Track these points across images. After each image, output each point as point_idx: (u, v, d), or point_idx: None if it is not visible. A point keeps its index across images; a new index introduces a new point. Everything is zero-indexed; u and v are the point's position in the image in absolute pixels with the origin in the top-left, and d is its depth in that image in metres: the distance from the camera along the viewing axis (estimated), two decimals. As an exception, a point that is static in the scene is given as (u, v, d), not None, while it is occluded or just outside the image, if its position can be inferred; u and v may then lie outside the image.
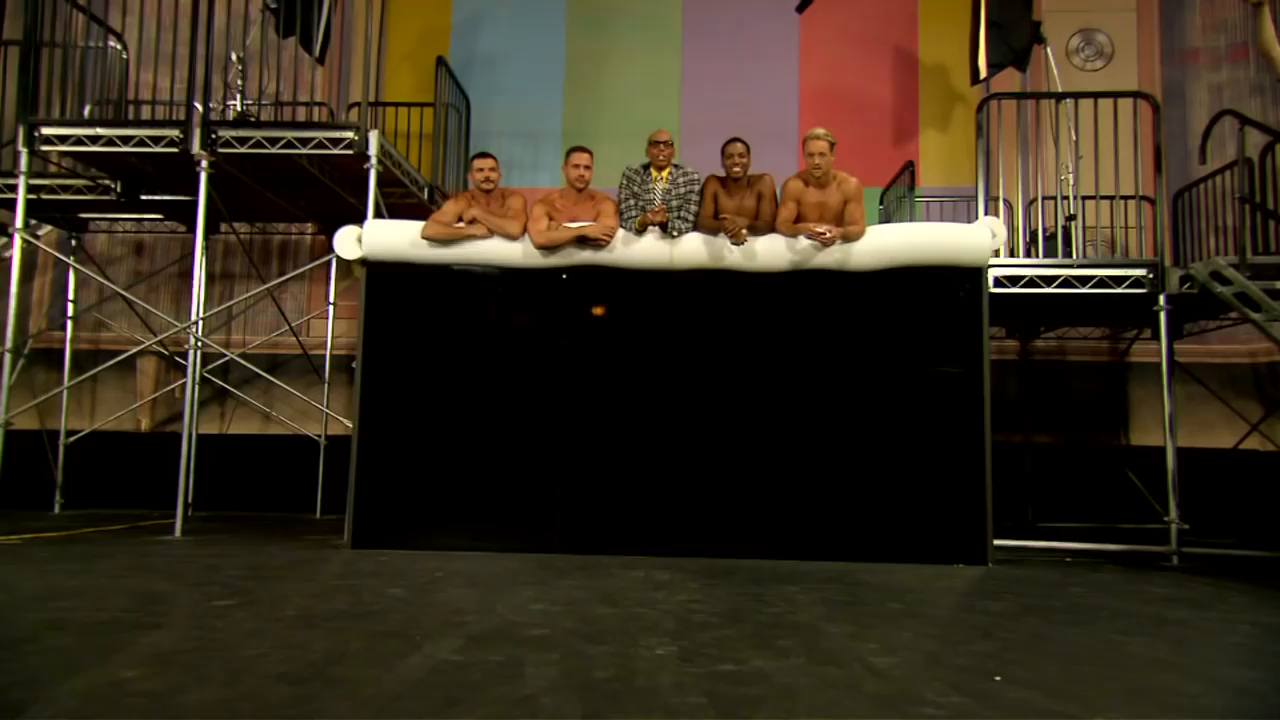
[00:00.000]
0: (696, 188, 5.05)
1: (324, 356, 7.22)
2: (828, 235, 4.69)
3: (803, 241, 4.85)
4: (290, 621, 2.87)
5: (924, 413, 4.83)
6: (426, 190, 6.52)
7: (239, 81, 6.32)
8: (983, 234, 4.89)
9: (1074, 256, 5.49)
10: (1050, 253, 5.64)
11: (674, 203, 4.99)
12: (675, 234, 4.91)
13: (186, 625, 2.82)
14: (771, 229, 4.94)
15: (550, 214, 4.97)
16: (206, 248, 7.02)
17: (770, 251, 4.91)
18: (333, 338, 7.22)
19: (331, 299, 7.21)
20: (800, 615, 3.14)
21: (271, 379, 6.77)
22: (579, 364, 4.98)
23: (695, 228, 5.00)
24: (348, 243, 5.01)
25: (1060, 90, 6.15)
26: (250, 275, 7.53)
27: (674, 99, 7.80)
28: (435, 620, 2.93)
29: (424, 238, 4.89)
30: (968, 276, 4.89)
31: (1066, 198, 5.69)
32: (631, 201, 5.02)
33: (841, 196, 4.89)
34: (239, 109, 6.27)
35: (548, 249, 4.91)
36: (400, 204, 6.45)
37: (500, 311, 5.02)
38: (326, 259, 6.91)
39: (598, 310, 4.95)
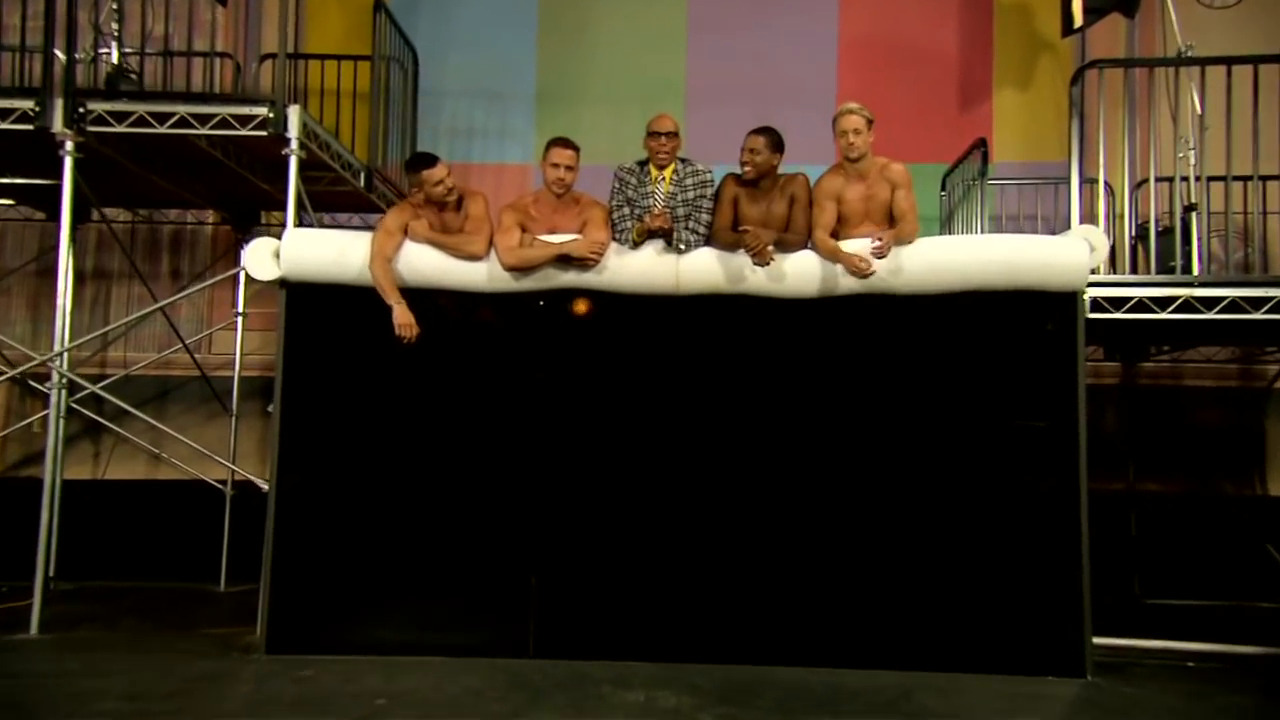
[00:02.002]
0: (710, 191, 5.01)
1: (230, 380, 7.14)
2: (881, 245, 4.68)
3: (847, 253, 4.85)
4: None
5: (1000, 478, 4.82)
6: (363, 175, 6.43)
7: (113, 24, 6.20)
8: (1077, 250, 4.87)
9: (1196, 269, 5.43)
10: (1166, 252, 5.60)
11: (680, 210, 4.96)
12: (682, 249, 4.88)
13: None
14: (806, 243, 4.90)
15: (523, 224, 4.95)
16: (74, 242, 6.93)
17: (803, 272, 4.89)
18: (242, 355, 7.16)
19: (240, 306, 7.14)
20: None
21: (160, 412, 6.72)
22: (560, 412, 4.96)
23: (708, 241, 4.97)
24: (262, 260, 4.99)
25: (1181, 42, 6.08)
26: (134, 274, 7.44)
27: (678, 53, 7.75)
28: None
29: (374, 274, 4.87)
30: (1057, 304, 4.88)
31: (1186, 179, 5.63)
32: (626, 209, 4.99)
33: (888, 187, 4.91)
34: (114, 62, 6.16)
35: (520, 270, 4.84)
36: (330, 193, 6.42)
37: (460, 346, 5.01)
38: (234, 271, 6.81)
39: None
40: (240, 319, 7.07)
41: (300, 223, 5.61)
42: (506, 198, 7.53)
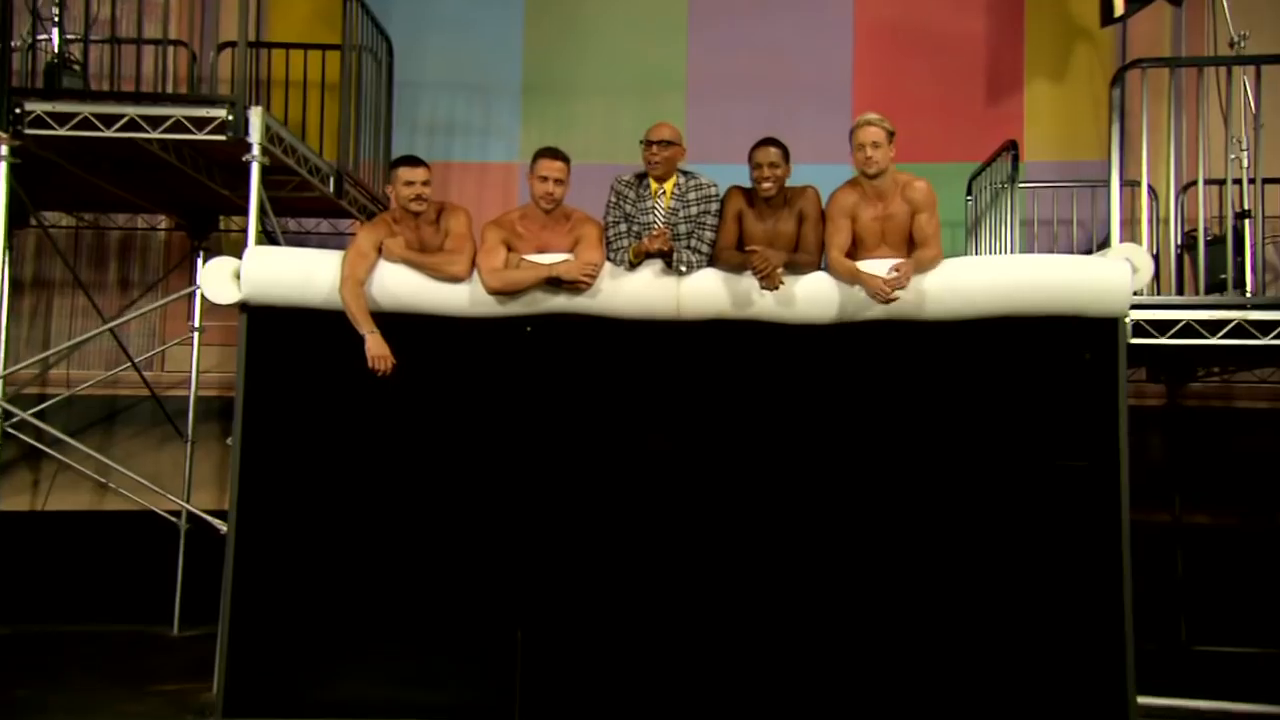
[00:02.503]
0: (714, 206, 4.97)
1: (186, 400, 7.09)
2: (899, 276, 4.62)
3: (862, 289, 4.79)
4: None
5: (1034, 522, 4.79)
6: (333, 179, 6.38)
7: (54, 7, 6.13)
8: (1118, 272, 4.83)
9: (1250, 284, 5.39)
10: (1215, 263, 5.59)
11: (682, 227, 4.93)
12: (683, 270, 4.84)
13: None
14: (818, 264, 4.87)
15: (509, 243, 4.91)
16: (9, 249, 6.87)
17: (814, 296, 4.86)
18: (199, 374, 7.10)
19: (197, 320, 7.08)
20: None
21: (107, 436, 6.65)
22: (550, 449, 4.93)
23: (711, 262, 4.93)
24: (220, 281, 4.96)
25: (1233, 32, 6.10)
26: (78, 285, 7.39)
27: (678, 42, 7.71)
28: None
29: (344, 299, 4.83)
30: (1096, 331, 4.84)
31: (1239, 182, 5.62)
32: (623, 226, 4.95)
33: (907, 207, 4.86)
34: (54, 50, 6.09)
35: (506, 293, 4.82)
36: (296, 199, 6.39)
37: (439, 376, 4.97)
38: (190, 290, 6.74)
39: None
40: (197, 334, 6.99)
41: (263, 230, 5.56)
42: (491, 198, 7.72)
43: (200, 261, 7.09)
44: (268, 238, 5.86)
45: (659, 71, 7.56)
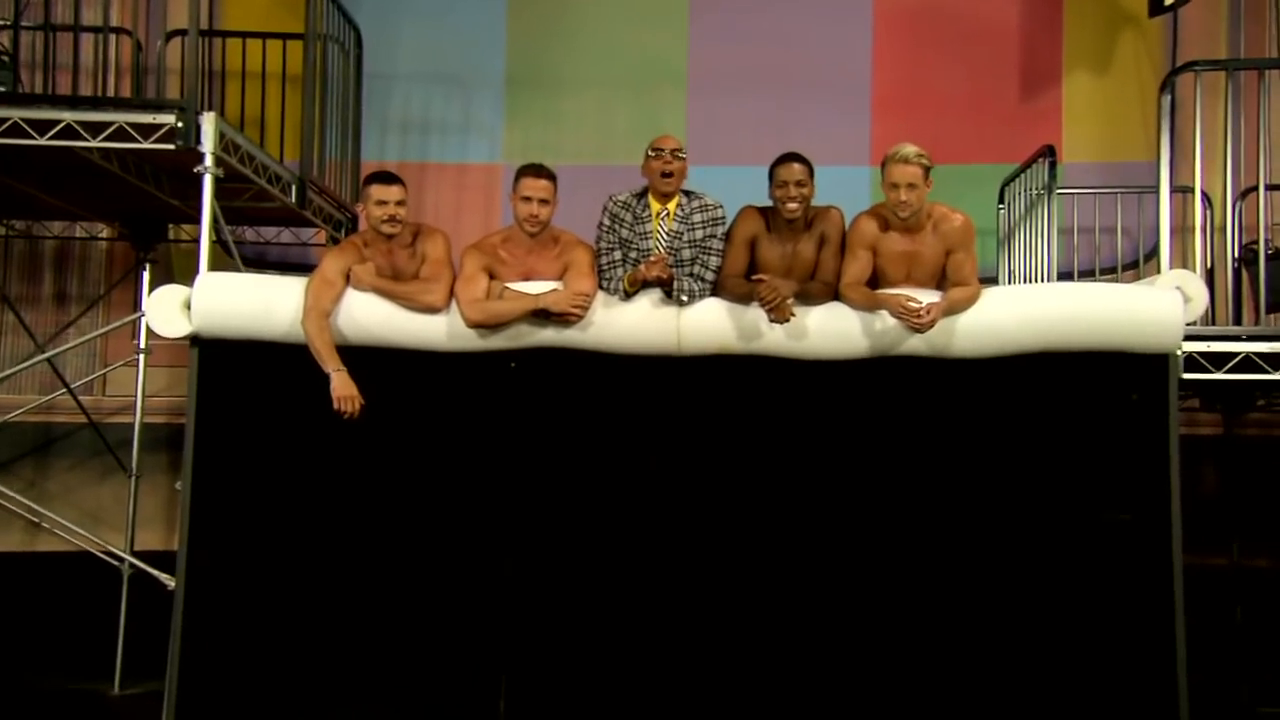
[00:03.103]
0: (720, 229, 4.96)
1: (130, 428, 7.04)
2: (925, 315, 4.59)
3: (881, 316, 4.79)
4: None
5: (1076, 581, 4.78)
6: (295, 188, 6.37)
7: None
8: (1169, 304, 4.80)
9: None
10: (1277, 279, 5.57)
11: (685, 252, 4.91)
12: (685, 300, 4.84)
13: None
14: (834, 294, 4.86)
15: (491, 270, 4.90)
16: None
17: (828, 329, 4.84)
18: (144, 399, 7.06)
19: (143, 340, 7.05)
20: None
21: (41, 467, 6.63)
22: (536, 492, 4.93)
23: (715, 291, 4.92)
24: (168, 312, 4.94)
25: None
26: (4, 303, 7.38)
27: (678, 30, 7.68)
28: None
29: (307, 332, 4.81)
30: (1144, 368, 4.82)
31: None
32: (618, 253, 4.94)
33: (941, 245, 4.84)
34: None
35: (487, 327, 4.82)
36: (254, 210, 6.39)
37: (414, 416, 4.97)
38: (135, 318, 6.71)
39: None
40: (142, 355, 6.96)
41: (217, 240, 5.55)
42: (471, 202, 7.71)
43: (147, 275, 7.07)
44: (223, 248, 5.84)
45: (657, 64, 7.54)
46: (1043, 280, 6.18)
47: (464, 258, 4.92)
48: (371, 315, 4.92)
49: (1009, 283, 6.88)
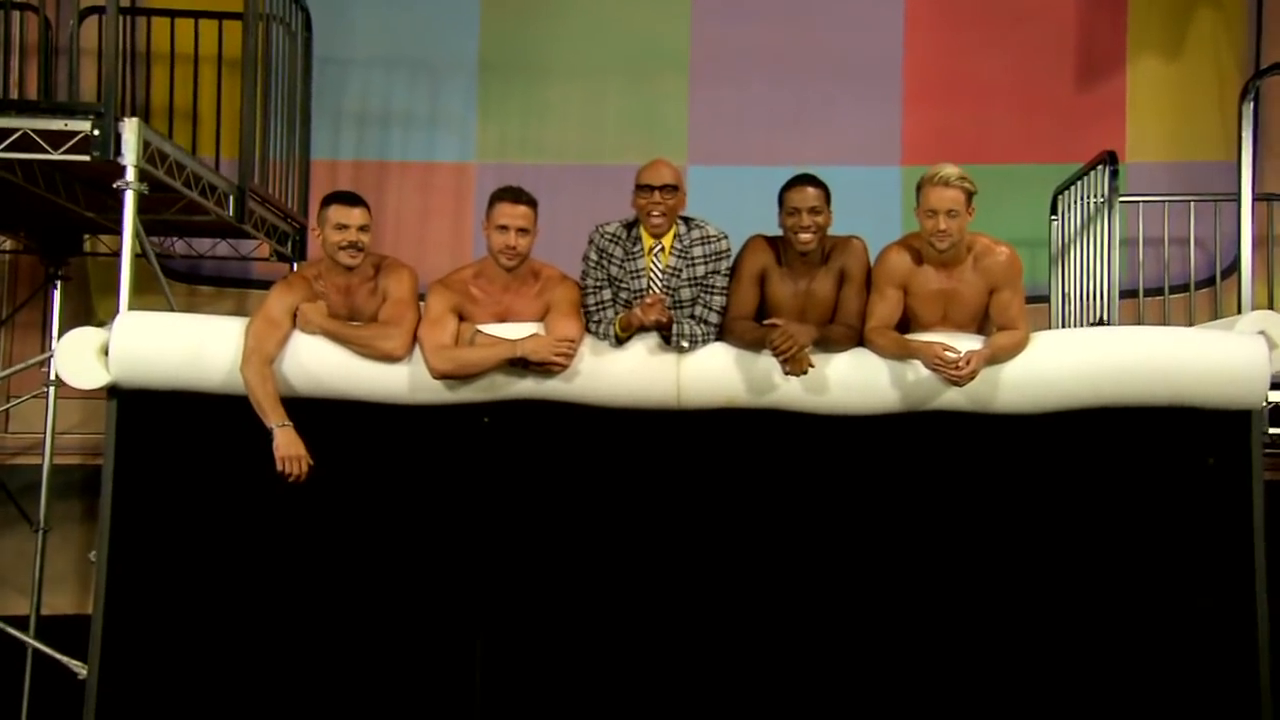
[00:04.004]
0: (724, 264, 4.94)
1: (38, 471, 7.02)
2: (964, 365, 4.56)
3: (914, 366, 4.76)
4: None
5: (1141, 682, 4.76)
6: (233, 199, 6.35)
7: None
8: (1251, 351, 4.77)
9: None
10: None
11: (685, 291, 4.90)
12: (685, 346, 4.81)
13: None
14: (858, 339, 4.84)
15: (461, 310, 4.88)
16: None
17: (851, 381, 4.81)
18: (53, 437, 7.03)
19: (53, 371, 7.01)
20: None
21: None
22: (511, 573, 4.93)
23: (720, 335, 4.90)
24: (80, 360, 4.89)
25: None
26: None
27: (679, 7, 7.67)
28: None
29: (247, 381, 4.78)
30: (1222, 426, 4.79)
31: None
32: (607, 293, 4.93)
33: (983, 282, 4.81)
34: None
35: (456, 377, 4.81)
36: (184, 223, 6.42)
37: (370, 481, 4.95)
38: (43, 358, 6.67)
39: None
40: (51, 389, 6.92)
41: (139, 255, 5.53)
42: (439, 208, 7.70)
43: (58, 294, 7.10)
44: (147, 260, 5.82)
45: (654, 47, 7.53)
46: (1102, 300, 6.23)
47: (430, 296, 4.88)
48: (322, 362, 4.89)
49: (1062, 303, 6.89)
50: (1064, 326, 6.83)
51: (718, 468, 4.95)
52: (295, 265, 7.16)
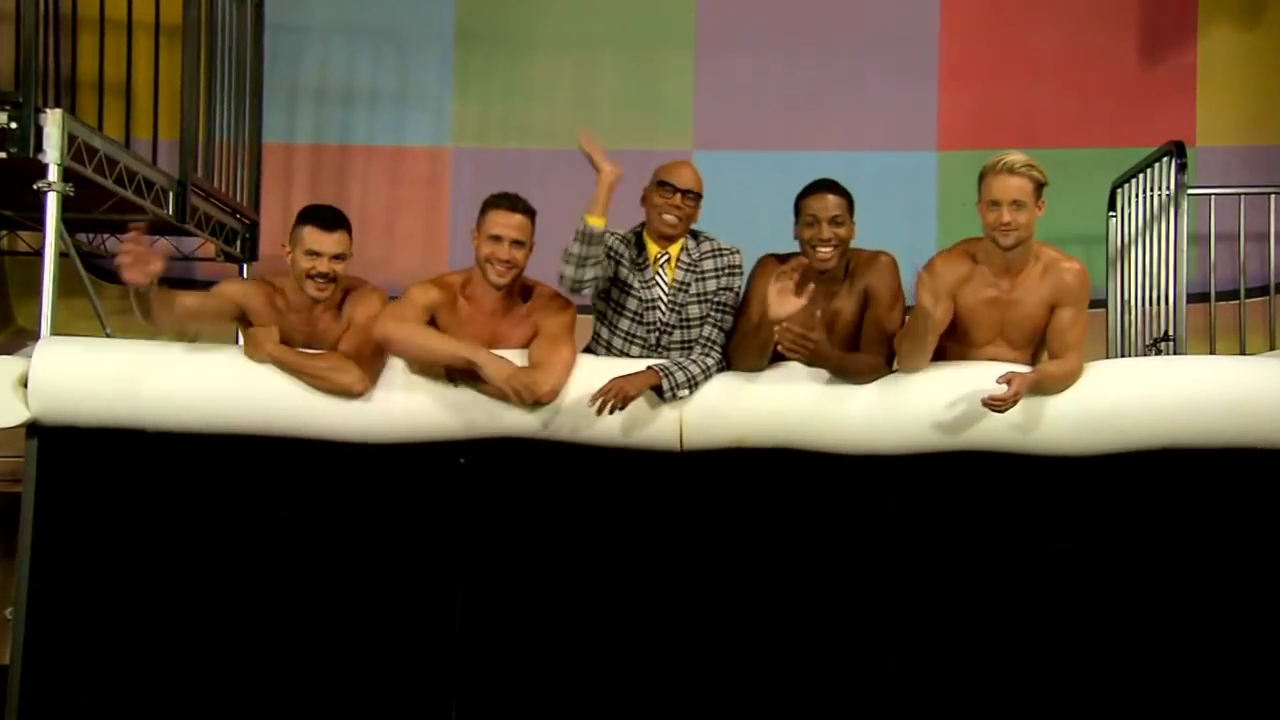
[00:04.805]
0: (739, 282, 4.97)
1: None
2: (1006, 394, 4.51)
3: (950, 400, 4.74)
4: None
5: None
6: (172, 195, 6.32)
7: None
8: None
9: None
10: None
11: (693, 309, 4.93)
12: (686, 394, 4.79)
13: None
14: (888, 358, 4.83)
15: (443, 321, 4.85)
16: None
17: (879, 415, 4.79)
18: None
19: (-35, 386, 7.01)
20: None
21: None
22: (490, 642, 4.92)
23: (726, 365, 4.90)
24: (-2, 394, 4.83)
25: None
26: None
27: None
28: None
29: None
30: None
31: None
32: (611, 311, 4.97)
33: (1046, 296, 4.76)
34: None
35: (404, 355, 4.82)
36: (119, 220, 6.34)
37: (327, 529, 4.93)
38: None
39: None
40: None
41: (63, 255, 5.51)
42: (410, 199, 7.71)
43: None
44: (83, 260, 5.79)
45: (656, 17, 7.51)
46: (1168, 306, 6.23)
47: (411, 289, 4.86)
48: (273, 395, 4.87)
49: (1121, 311, 6.90)
50: (1123, 336, 6.85)
51: (725, 517, 4.94)
52: (245, 268, 7.12)
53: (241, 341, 5.12)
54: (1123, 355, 6.76)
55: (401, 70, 7.64)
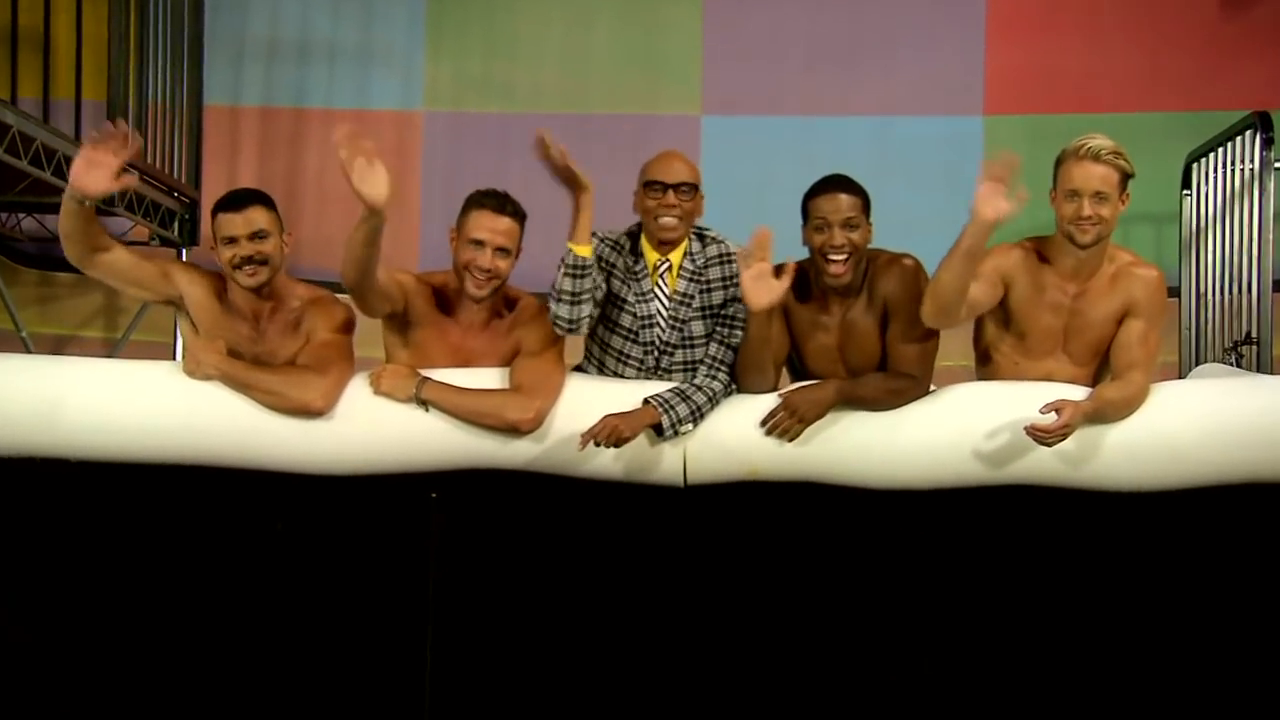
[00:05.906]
0: (747, 291, 4.96)
1: None
2: (1056, 424, 4.53)
3: (989, 429, 4.77)
4: None
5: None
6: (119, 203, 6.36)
7: None
8: None
9: None
10: None
11: (697, 325, 4.97)
12: (690, 429, 4.80)
13: None
14: (918, 389, 4.86)
15: (412, 311, 4.91)
16: None
17: (907, 443, 4.82)
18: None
19: None
20: None
21: None
22: (462, 691, 4.98)
23: (735, 387, 4.94)
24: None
25: None
26: None
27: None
28: None
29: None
30: None
31: None
32: (603, 327, 5.00)
33: (1117, 304, 4.80)
34: None
35: (361, 289, 4.77)
36: (34, 202, 6.54)
37: (280, 570, 4.98)
38: None
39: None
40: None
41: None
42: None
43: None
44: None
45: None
46: (1252, 295, 6.32)
47: (392, 274, 4.84)
48: (220, 417, 4.89)
49: (1196, 302, 6.92)
50: (1198, 333, 6.89)
51: (735, 560, 4.98)
52: (184, 253, 7.13)
53: (180, 354, 5.09)
54: (1197, 356, 6.79)
55: (365, 23, 7.70)
